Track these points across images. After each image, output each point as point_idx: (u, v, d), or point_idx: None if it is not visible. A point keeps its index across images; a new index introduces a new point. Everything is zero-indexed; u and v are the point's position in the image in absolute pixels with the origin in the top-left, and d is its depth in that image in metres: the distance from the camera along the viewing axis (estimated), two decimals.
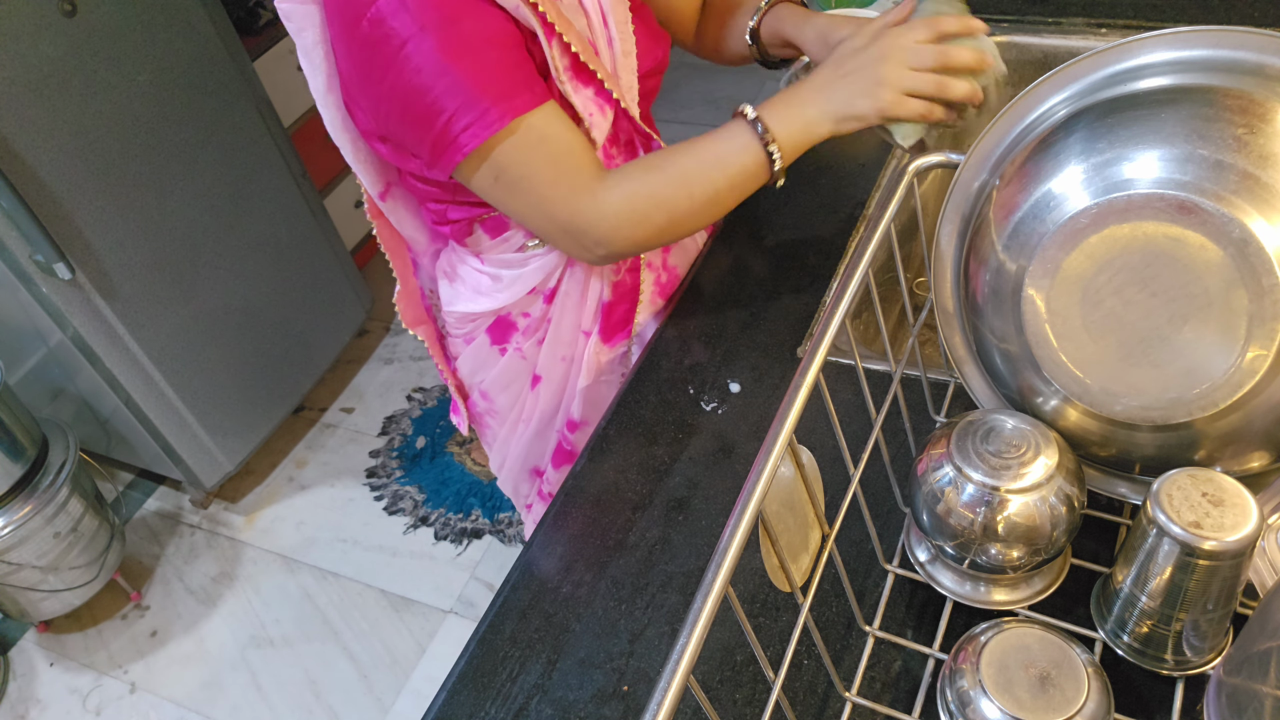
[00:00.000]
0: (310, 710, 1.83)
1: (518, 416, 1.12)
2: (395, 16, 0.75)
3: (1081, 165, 0.60)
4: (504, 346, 1.06)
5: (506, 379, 1.09)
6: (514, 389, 1.10)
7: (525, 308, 1.03)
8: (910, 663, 0.69)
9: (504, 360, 1.07)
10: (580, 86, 0.86)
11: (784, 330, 0.98)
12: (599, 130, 0.89)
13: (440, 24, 0.75)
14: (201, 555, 2.16)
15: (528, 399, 1.10)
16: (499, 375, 1.08)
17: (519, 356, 1.06)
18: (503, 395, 1.10)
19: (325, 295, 2.32)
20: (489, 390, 1.11)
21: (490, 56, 0.78)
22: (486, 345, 1.07)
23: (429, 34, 0.75)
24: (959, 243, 0.71)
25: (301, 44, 0.85)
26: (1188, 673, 0.61)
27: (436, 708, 0.74)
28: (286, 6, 0.83)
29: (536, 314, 1.04)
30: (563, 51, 0.84)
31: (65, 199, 1.67)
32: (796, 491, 0.60)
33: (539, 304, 1.03)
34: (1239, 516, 0.54)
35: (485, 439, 1.19)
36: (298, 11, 0.83)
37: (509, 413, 1.12)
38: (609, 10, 0.89)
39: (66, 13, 1.61)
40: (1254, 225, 0.54)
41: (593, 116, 0.88)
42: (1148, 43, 0.61)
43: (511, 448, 1.15)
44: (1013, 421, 0.64)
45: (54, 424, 1.90)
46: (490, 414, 1.14)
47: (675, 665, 0.44)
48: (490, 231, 0.98)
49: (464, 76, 0.77)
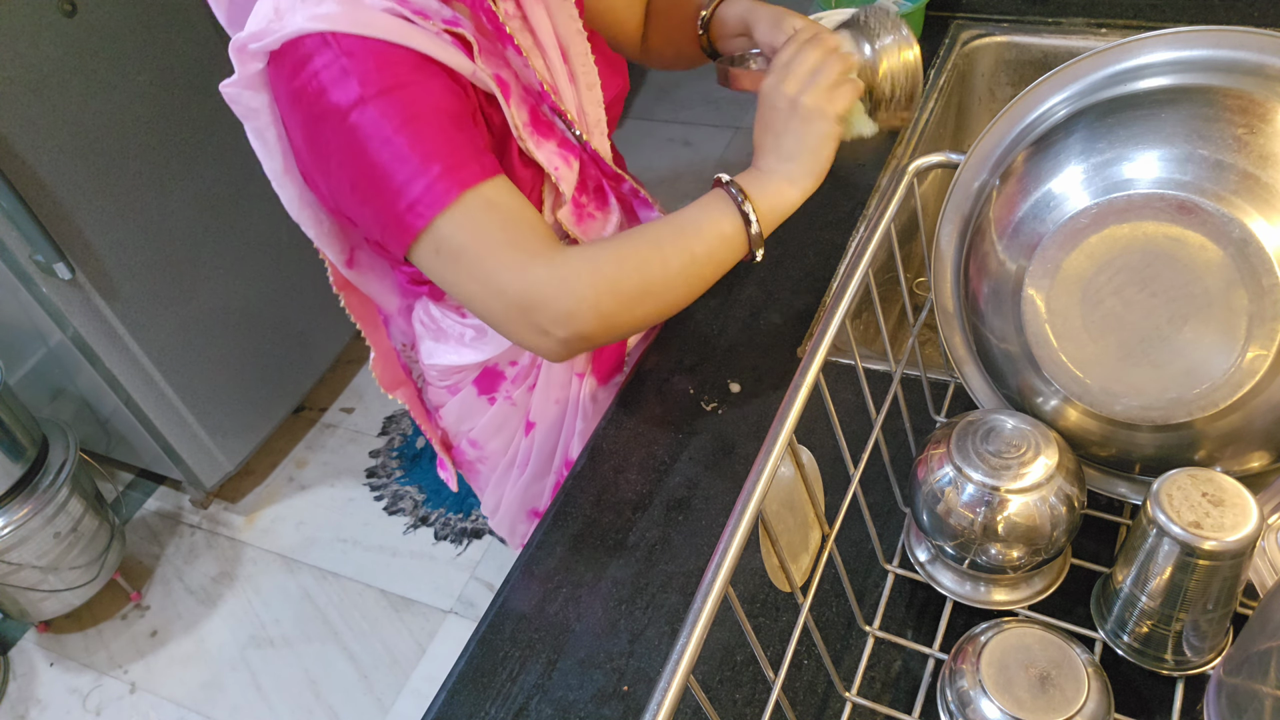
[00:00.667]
0: (310, 710, 1.83)
1: (510, 461, 1.08)
2: (336, 86, 0.71)
3: (1081, 165, 0.60)
4: (493, 396, 1.03)
5: (496, 425, 1.05)
6: (505, 434, 1.06)
7: (513, 356, 1.00)
8: (910, 663, 0.69)
9: (493, 409, 1.04)
10: (542, 141, 0.84)
11: (784, 330, 0.98)
12: (566, 182, 0.86)
13: (382, 92, 0.72)
14: (201, 555, 2.16)
15: (520, 444, 1.07)
16: (488, 422, 1.05)
17: (509, 404, 1.03)
18: (493, 441, 1.07)
19: (325, 295, 2.30)
20: (478, 438, 1.07)
21: (436, 125, 0.74)
22: (473, 395, 1.03)
23: (370, 103, 0.71)
24: (959, 243, 0.71)
25: (253, 127, 0.81)
26: (1188, 673, 0.61)
27: (436, 708, 0.74)
28: (232, 91, 0.79)
29: (525, 361, 1.01)
30: (520, 106, 0.82)
31: (65, 199, 1.67)
32: (796, 491, 0.60)
33: (526, 352, 1.00)
34: (1239, 516, 0.54)
35: (476, 485, 1.14)
36: (245, 96, 0.79)
37: (500, 458, 1.08)
38: (568, 45, 0.87)
39: (66, 13, 1.61)
40: (1254, 225, 0.54)
41: (559, 170, 0.85)
42: (1148, 43, 0.61)
43: (507, 492, 1.11)
44: (1013, 421, 0.64)
45: (54, 424, 1.90)
46: (481, 461, 1.10)
47: (675, 665, 0.44)
48: None
49: (409, 146, 0.72)
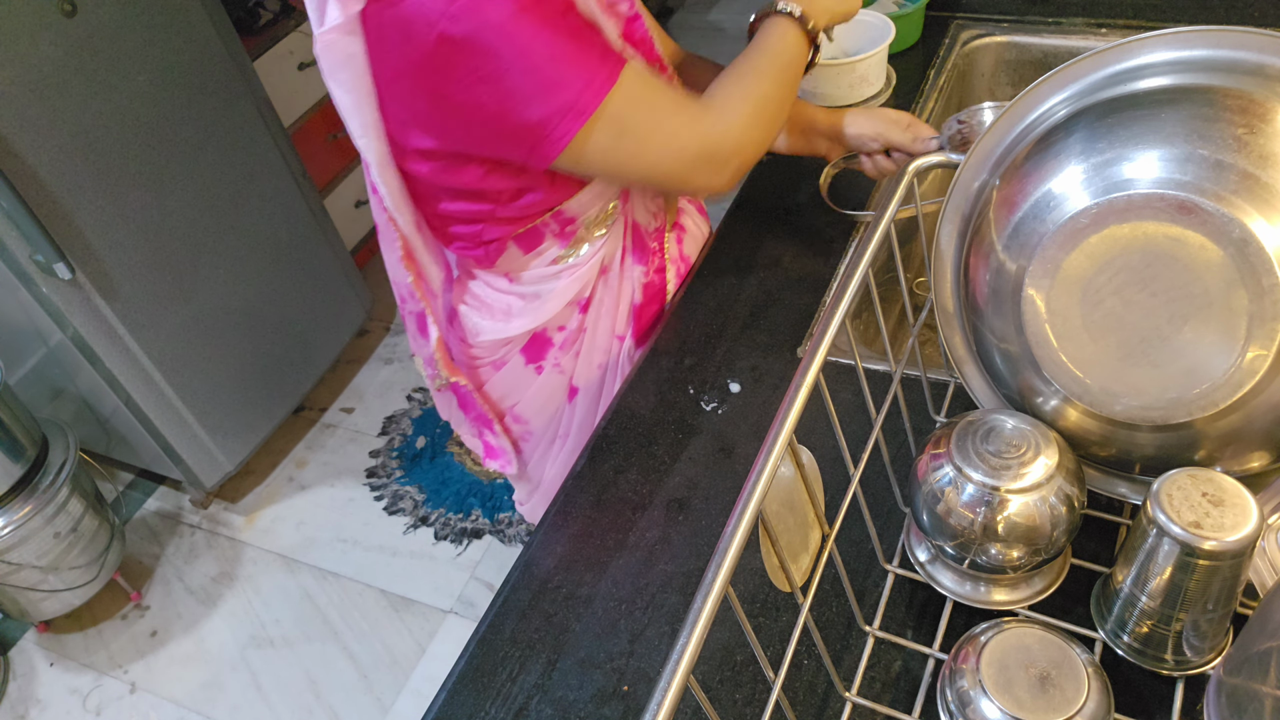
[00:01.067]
0: (310, 710, 1.83)
1: (554, 433, 1.12)
2: (478, 12, 0.74)
3: (1081, 165, 0.60)
4: (540, 364, 1.05)
5: (543, 398, 1.08)
6: (550, 407, 1.09)
7: (561, 321, 1.03)
8: (910, 663, 0.69)
9: (540, 379, 1.06)
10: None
11: (784, 330, 0.98)
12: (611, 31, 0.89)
13: (527, 6, 0.75)
14: (201, 555, 2.16)
15: (564, 414, 1.10)
16: (534, 396, 1.07)
17: (557, 372, 1.06)
18: (538, 417, 1.10)
19: (325, 295, 2.32)
20: (524, 413, 1.09)
21: (573, 16, 0.80)
22: (521, 366, 1.05)
23: (524, 15, 0.75)
24: (959, 243, 0.71)
25: (344, 79, 0.81)
26: (1188, 673, 0.61)
27: (436, 708, 0.74)
28: (331, 38, 0.79)
29: (573, 326, 1.03)
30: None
31: (65, 199, 1.67)
32: (796, 491, 0.60)
33: (575, 315, 1.03)
34: (1239, 516, 0.54)
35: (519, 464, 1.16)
36: (343, 43, 0.79)
37: (544, 433, 1.11)
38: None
39: (66, 13, 1.61)
40: (1254, 225, 0.54)
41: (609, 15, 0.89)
42: (1148, 43, 0.61)
43: (546, 469, 1.14)
44: (1013, 421, 0.64)
45: (54, 424, 1.90)
46: (524, 439, 1.12)
47: (675, 665, 0.44)
48: (524, 246, 0.97)
49: (567, 46, 0.78)
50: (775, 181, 1.17)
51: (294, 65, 2.35)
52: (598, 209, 0.96)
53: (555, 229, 0.96)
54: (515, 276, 1.00)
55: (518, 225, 0.94)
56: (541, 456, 1.14)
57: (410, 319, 1.05)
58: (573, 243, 0.98)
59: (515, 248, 0.97)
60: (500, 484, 2.16)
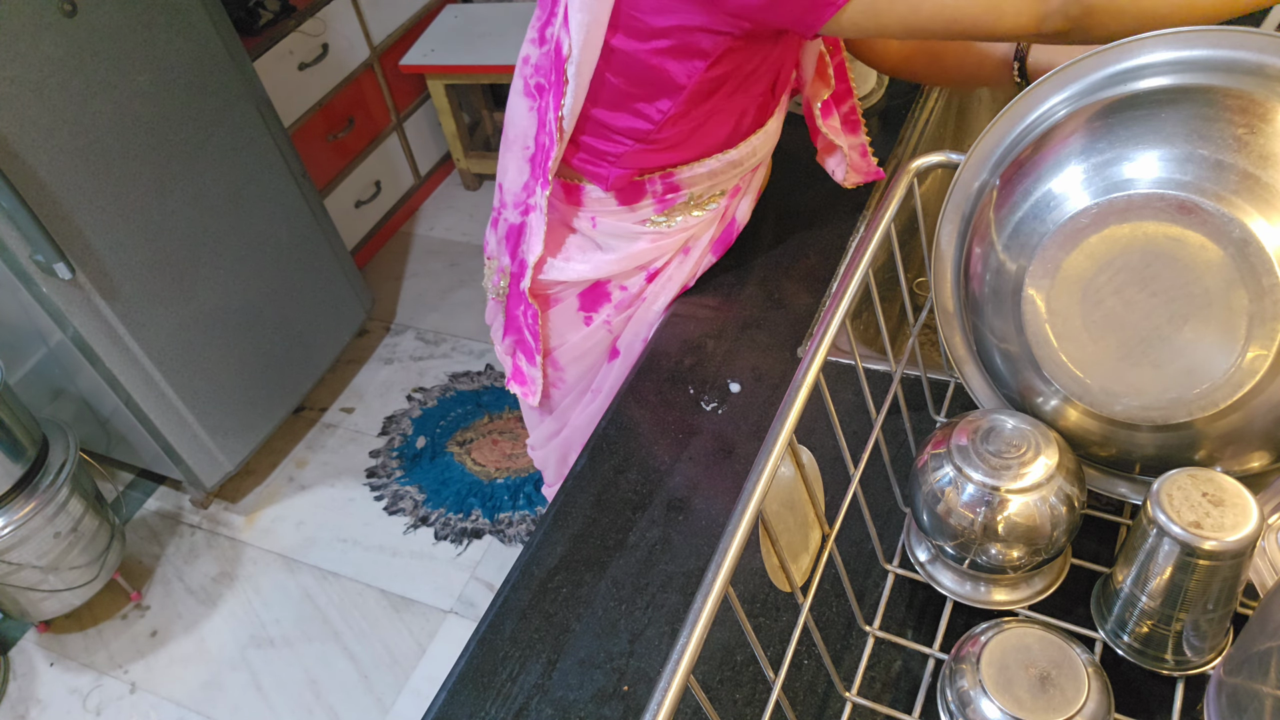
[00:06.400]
0: (310, 710, 1.83)
1: (586, 386, 1.12)
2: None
3: (1081, 165, 0.60)
4: (591, 316, 1.06)
5: (583, 349, 1.08)
6: (589, 360, 1.09)
7: (625, 280, 1.03)
8: (910, 663, 0.69)
9: (587, 330, 1.06)
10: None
11: (784, 330, 0.98)
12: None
13: None
14: (201, 555, 2.16)
15: (602, 370, 1.10)
16: (577, 345, 1.08)
17: (606, 330, 1.06)
18: (575, 366, 1.10)
19: (325, 295, 2.32)
20: (560, 359, 1.09)
21: None
22: (573, 310, 1.06)
23: None
24: (959, 243, 0.71)
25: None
26: (1188, 673, 0.61)
27: (436, 708, 0.74)
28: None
29: (634, 289, 1.04)
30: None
31: (65, 199, 1.67)
32: (796, 491, 0.60)
33: (639, 280, 1.03)
34: (1239, 516, 0.54)
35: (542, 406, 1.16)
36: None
37: (578, 384, 1.12)
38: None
39: (66, 13, 1.61)
40: (1254, 225, 0.54)
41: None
42: (1148, 43, 0.61)
43: (574, 417, 1.14)
44: (1013, 421, 0.64)
45: (54, 424, 1.90)
46: (556, 384, 1.13)
47: (675, 665, 0.44)
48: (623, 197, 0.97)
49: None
50: (775, 181, 1.17)
51: (294, 65, 2.35)
52: (705, 188, 0.97)
53: (659, 190, 0.96)
54: (599, 221, 1.00)
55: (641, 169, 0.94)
56: (570, 405, 1.14)
57: (504, 223, 1.05)
58: (668, 212, 0.99)
59: (614, 194, 0.97)
60: (500, 484, 2.16)
